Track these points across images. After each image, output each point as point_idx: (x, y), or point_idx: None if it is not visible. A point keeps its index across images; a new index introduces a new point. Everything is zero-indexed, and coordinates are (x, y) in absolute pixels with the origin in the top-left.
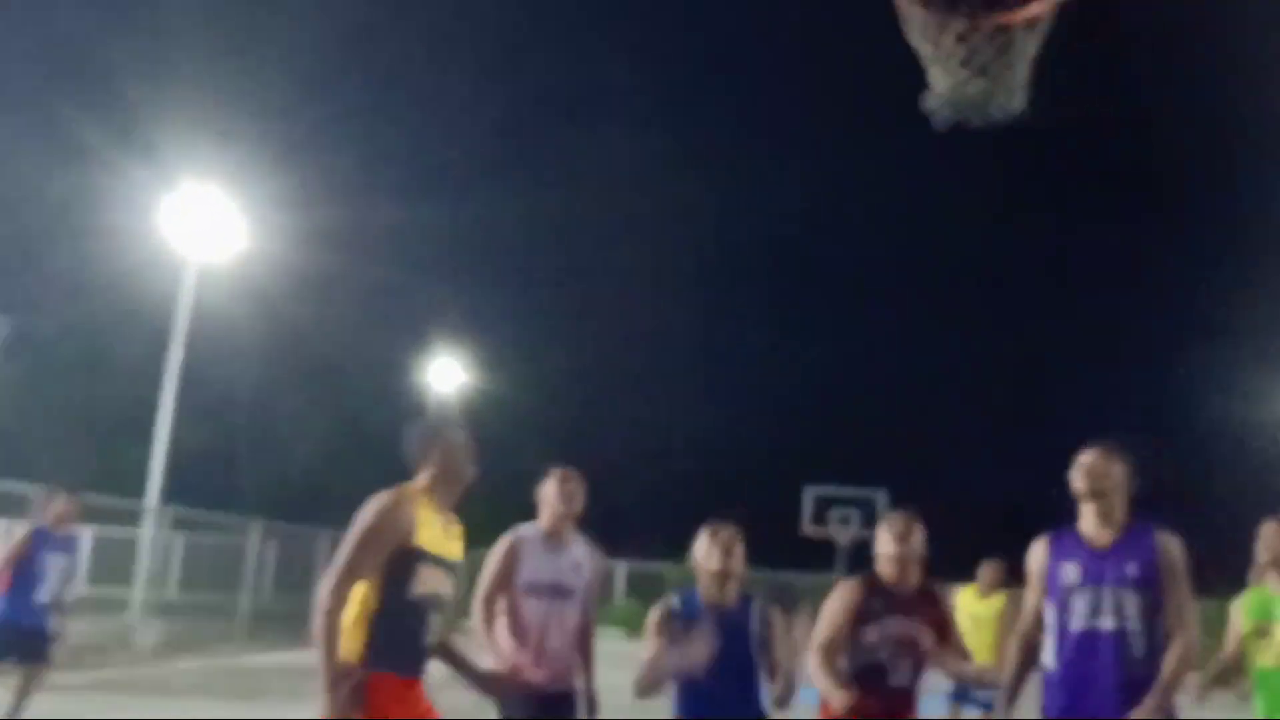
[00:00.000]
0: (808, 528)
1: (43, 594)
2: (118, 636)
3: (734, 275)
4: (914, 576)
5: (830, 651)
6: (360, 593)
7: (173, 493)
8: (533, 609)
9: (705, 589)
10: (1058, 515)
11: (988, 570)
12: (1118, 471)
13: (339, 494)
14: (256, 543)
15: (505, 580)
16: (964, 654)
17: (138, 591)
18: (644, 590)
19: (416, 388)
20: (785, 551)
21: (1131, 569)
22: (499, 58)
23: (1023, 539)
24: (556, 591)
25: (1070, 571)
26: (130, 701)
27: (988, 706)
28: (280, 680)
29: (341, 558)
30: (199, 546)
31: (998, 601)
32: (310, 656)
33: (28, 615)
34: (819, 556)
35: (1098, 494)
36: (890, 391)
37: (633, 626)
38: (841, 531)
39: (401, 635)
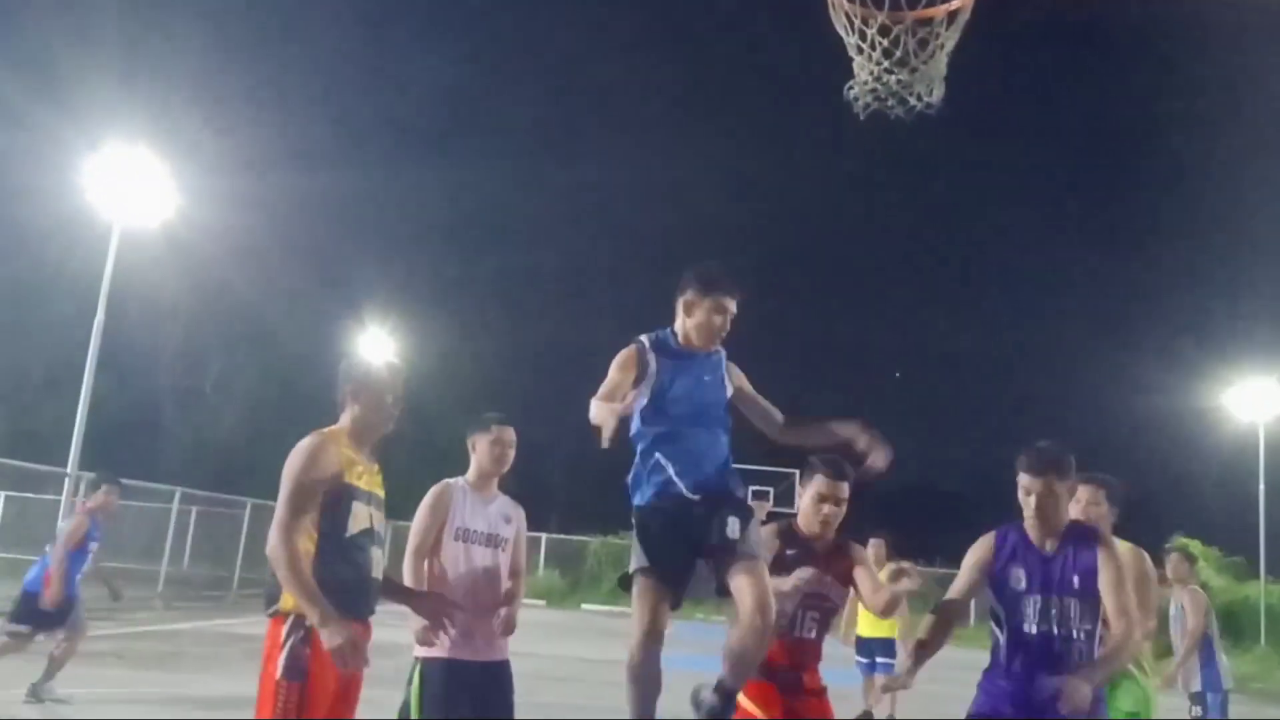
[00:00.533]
0: None
1: (80, 573)
2: None
3: (663, 255)
4: (832, 532)
5: None
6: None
7: (92, 458)
8: (466, 556)
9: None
10: (953, 498)
11: (873, 548)
12: (1059, 486)
13: (264, 464)
14: (176, 510)
15: (438, 527)
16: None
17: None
18: (566, 563)
19: (343, 357)
20: None
21: (1076, 578)
22: (438, 26)
23: (915, 519)
24: (490, 540)
25: (1018, 576)
26: (40, 668)
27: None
28: (197, 647)
29: (281, 507)
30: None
31: (883, 575)
32: (227, 625)
33: (72, 590)
34: None
35: (1042, 511)
36: (808, 374)
37: (553, 599)
38: (757, 507)
39: (345, 575)
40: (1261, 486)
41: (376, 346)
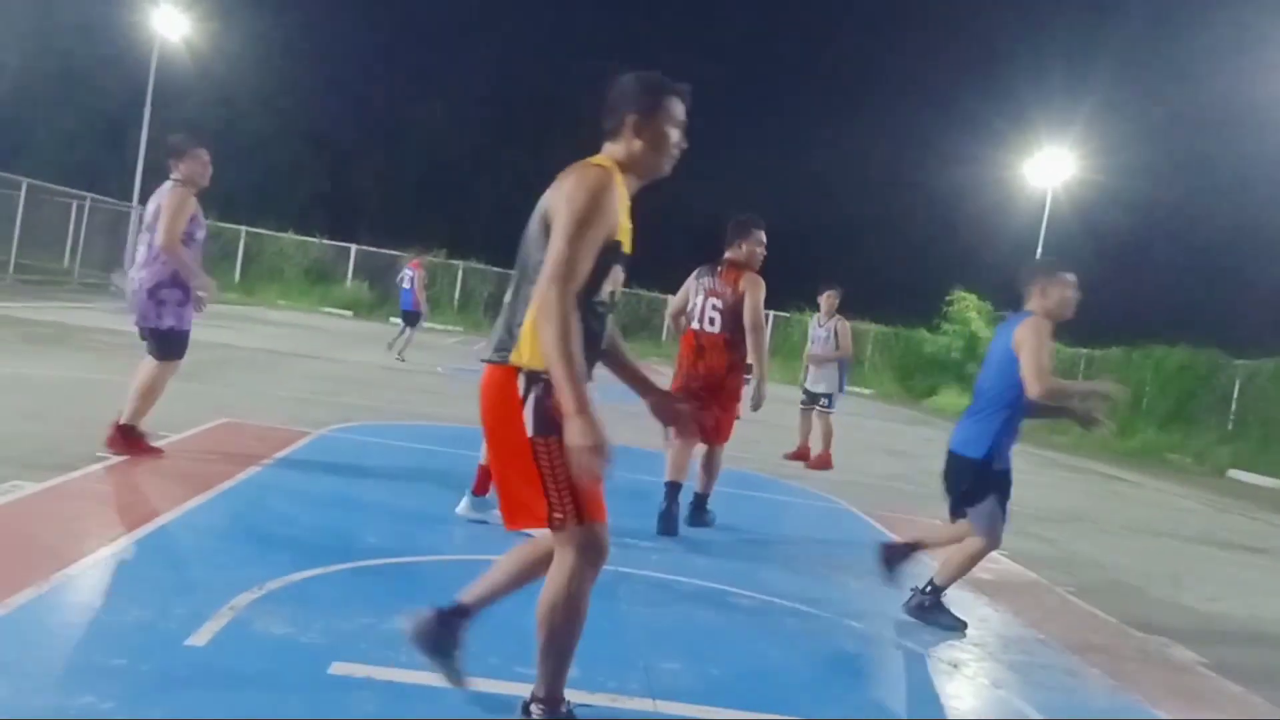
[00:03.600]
0: None
1: None
2: None
3: None
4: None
5: None
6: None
7: None
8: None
9: None
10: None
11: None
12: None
13: (40, 142)
14: None
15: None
16: None
17: None
18: (375, 276)
19: (134, 27)
20: (511, 248)
21: None
22: None
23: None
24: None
25: None
26: None
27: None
28: None
29: (561, 254)
30: None
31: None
32: (4, 309)
33: None
34: None
35: None
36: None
37: (360, 309)
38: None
39: (585, 339)
40: (1039, 250)
41: (169, 24)
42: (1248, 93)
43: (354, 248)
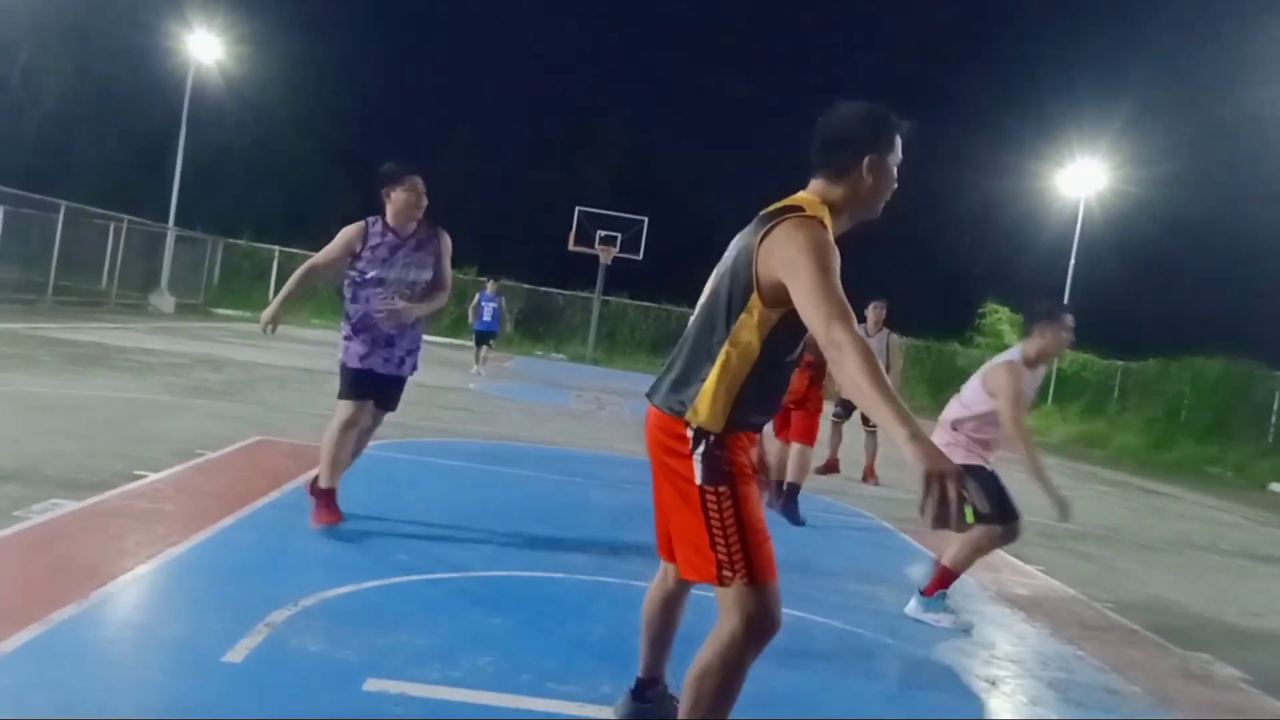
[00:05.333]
0: (573, 245)
1: None
2: None
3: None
4: None
5: None
6: (740, 346)
7: None
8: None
9: None
10: None
11: None
12: None
13: (80, 166)
14: None
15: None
16: None
17: None
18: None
19: (173, 55)
20: (551, 268)
21: None
22: None
23: None
24: None
25: None
26: None
27: None
28: (11, 347)
29: (827, 298)
30: None
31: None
32: (42, 329)
33: None
34: (582, 276)
35: None
36: (656, 129)
37: None
38: (605, 251)
39: (767, 399)
40: (1072, 261)
41: (204, 49)
42: None
43: None
